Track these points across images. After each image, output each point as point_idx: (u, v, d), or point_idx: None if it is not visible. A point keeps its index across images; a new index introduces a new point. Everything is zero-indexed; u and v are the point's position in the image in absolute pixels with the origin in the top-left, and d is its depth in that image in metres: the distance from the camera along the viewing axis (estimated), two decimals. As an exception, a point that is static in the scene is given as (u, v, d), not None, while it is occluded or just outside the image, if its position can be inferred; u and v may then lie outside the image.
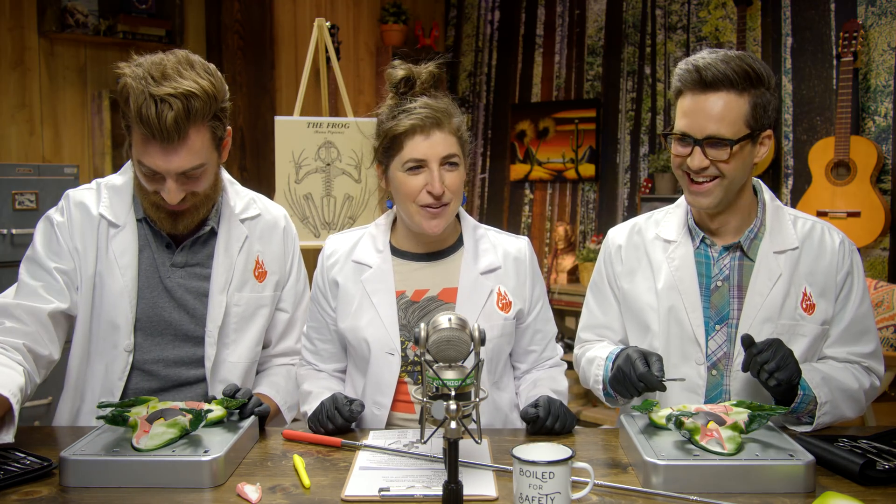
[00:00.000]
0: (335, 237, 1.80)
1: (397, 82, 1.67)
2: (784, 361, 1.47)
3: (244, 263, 1.76)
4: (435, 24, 5.31)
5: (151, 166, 1.54)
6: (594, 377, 1.71)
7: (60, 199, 1.75)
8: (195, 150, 1.54)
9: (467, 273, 1.70)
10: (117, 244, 1.69)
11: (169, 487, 1.29)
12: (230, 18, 4.20)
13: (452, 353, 1.29)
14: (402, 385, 1.68)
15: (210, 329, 1.71)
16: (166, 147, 1.52)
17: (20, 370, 1.53)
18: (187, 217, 1.66)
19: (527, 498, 1.16)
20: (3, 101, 3.60)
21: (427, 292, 1.71)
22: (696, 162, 1.58)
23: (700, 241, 1.69)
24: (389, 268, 1.71)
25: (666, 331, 1.68)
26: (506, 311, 1.71)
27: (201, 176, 1.60)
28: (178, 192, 1.57)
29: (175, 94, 1.48)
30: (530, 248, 1.79)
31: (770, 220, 1.68)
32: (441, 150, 1.61)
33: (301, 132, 3.13)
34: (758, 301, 1.63)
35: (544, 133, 4.93)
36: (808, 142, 3.84)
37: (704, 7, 4.28)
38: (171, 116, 1.48)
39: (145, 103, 1.47)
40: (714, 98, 1.55)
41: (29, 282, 1.66)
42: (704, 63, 1.55)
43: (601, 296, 1.83)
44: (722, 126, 1.55)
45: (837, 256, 1.66)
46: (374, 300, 1.68)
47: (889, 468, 1.30)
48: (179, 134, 1.50)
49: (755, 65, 1.56)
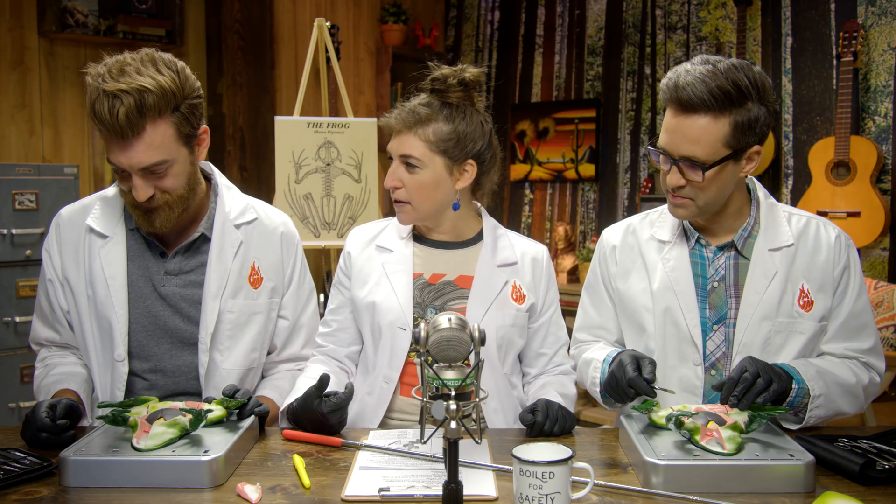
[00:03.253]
0: (360, 227, 1.89)
1: (434, 78, 1.71)
2: (766, 375, 1.43)
3: (239, 269, 1.75)
4: (435, 24, 5.31)
5: (115, 163, 1.57)
6: (591, 380, 1.71)
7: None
8: (154, 145, 1.54)
9: (484, 263, 1.76)
10: (105, 255, 1.70)
11: (169, 487, 1.29)
12: (230, 18, 4.20)
13: (452, 353, 1.29)
14: (410, 366, 1.71)
15: (202, 336, 1.70)
16: (122, 143, 1.53)
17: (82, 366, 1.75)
18: (160, 214, 1.63)
19: (527, 498, 1.16)
20: (3, 101, 3.60)
21: (444, 276, 1.76)
22: (672, 180, 1.59)
23: (695, 242, 1.69)
24: (410, 252, 1.78)
25: (662, 332, 1.68)
26: (519, 302, 1.75)
27: (167, 172, 1.58)
28: (144, 188, 1.57)
29: (127, 90, 1.49)
30: (548, 255, 1.84)
31: (764, 217, 1.67)
32: (401, 149, 1.70)
33: (301, 132, 3.13)
34: (754, 299, 1.62)
35: (544, 133, 4.93)
36: (808, 142, 3.84)
37: (704, 7, 4.28)
38: (123, 112, 1.49)
39: (98, 99, 1.50)
40: (690, 120, 1.53)
41: (48, 333, 1.80)
42: (684, 82, 1.52)
43: (596, 296, 1.83)
44: (697, 148, 1.53)
45: (834, 251, 1.65)
46: (391, 279, 1.74)
47: (889, 468, 1.30)
48: (133, 129, 1.51)
49: (742, 81, 1.52)
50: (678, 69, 1.57)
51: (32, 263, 3.05)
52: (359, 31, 4.97)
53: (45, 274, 1.76)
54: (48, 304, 1.76)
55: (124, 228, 1.72)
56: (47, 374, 1.71)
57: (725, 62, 1.54)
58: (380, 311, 1.73)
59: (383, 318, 1.72)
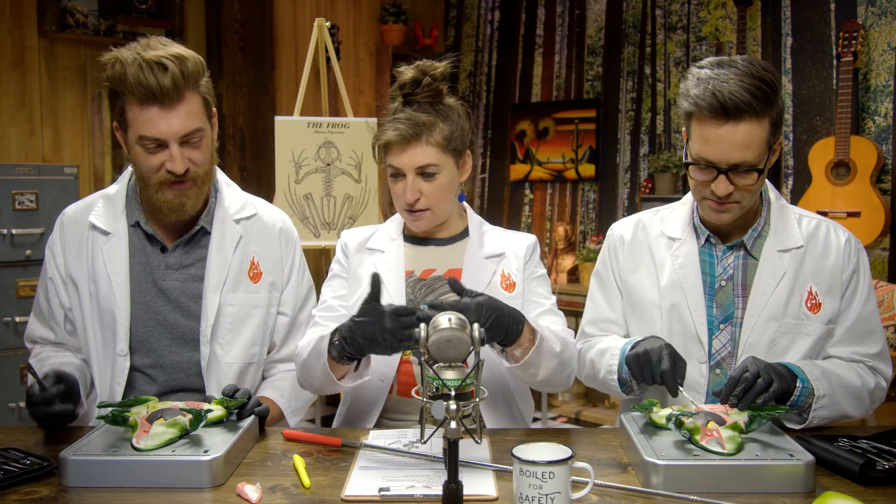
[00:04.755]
0: (351, 231, 1.88)
1: (403, 84, 1.70)
2: (767, 375, 1.43)
3: (239, 263, 1.77)
4: (435, 24, 5.31)
5: (154, 134, 1.58)
6: (607, 367, 1.66)
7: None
8: (192, 112, 1.60)
9: (472, 256, 1.77)
10: (107, 251, 1.72)
11: (169, 487, 1.29)
12: (230, 18, 4.20)
13: (452, 353, 1.29)
14: (405, 364, 1.71)
15: (203, 328, 1.72)
16: (166, 109, 1.57)
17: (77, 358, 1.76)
18: (191, 193, 1.66)
19: (527, 498, 1.16)
20: (3, 101, 3.60)
21: (434, 271, 1.77)
22: (721, 189, 1.54)
23: (705, 240, 1.69)
24: (401, 252, 1.79)
25: (668, 328, 1.67)
26: (509, 290, 1.75)
27: (200, 143, 1.64)
28: (181, 159, 1.60)
29: (168, 57, 1.56)
30: (536, 243, 1.83)
31: (775, 218, 1.67)
32: (416, 161, 1.67)
33: (301, 132, 3.13)
34: (762, 300, 1.62)
35: (544, 133, 4.93)
36: (808, 142, 3.84)
37: (704, 7, 4.28)
38: (169, 76, 1.55)
39: (141, 67, 1.54)
40: (737, 128, 1.50)
41: (43, 332, 1.80)
42: (725, 90, 1.48)
43: (606, 289, 1.81)
44: (748, 153, 1.51)
45: (843, 254, 1.65)
46: (384, 278, 1.73)
47: (889, 468, 1.30)
48: (177, 93, 1.56)
49: (768, 77, 1.51)
50: (699, 74, 1.54)
51: (32, 263, 3.05)
52: (359, 31, 4.97)
53: (47, 272, 1.77)
54: (47, 302, 1.77)
55: (126, 225, 1.74)
56: (42, 365, 1.71)
57: (742, 61, 1.53)
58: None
59: None
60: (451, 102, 1.73)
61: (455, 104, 1.74)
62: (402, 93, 1.71)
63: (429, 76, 1.68)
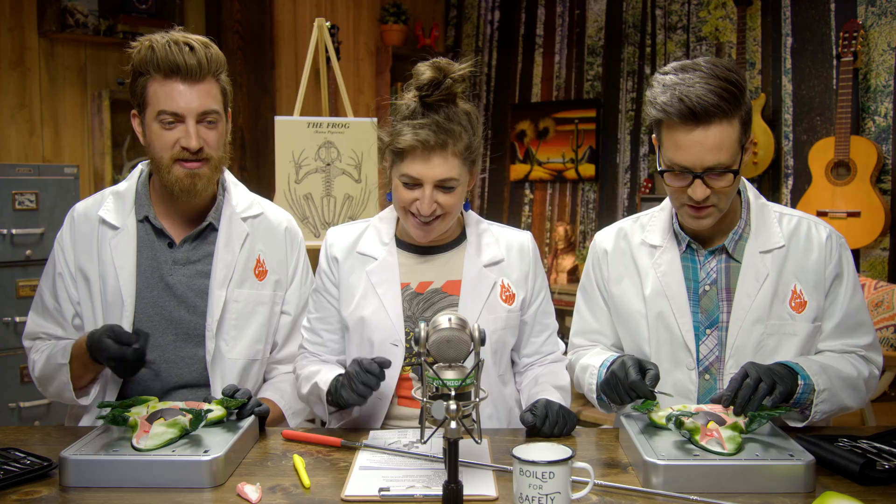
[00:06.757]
0: (337, 229, 1.79)
1: (421, 85, 1.58)
2: (768, 379, 1.42)
3: (245, 260, 1.78)
4: (435, 24, 5.31)
5: (172, 108, 1.63)
6: (588, 385, 1.69)
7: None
8: (212, 94, 1.67)
9: (471, 266, 1.71)
10: (115, 245, 1.73)
11: (169, 487, 1.29)
12: (230, 18, 4.20)
13: (452, 353, 1.29)
14: (404, 381, 1.68)
15: (209, 323, 1.73)
16: (188, 84, 1.64)
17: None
18: (203, 176, 1.69)
19: (527, 498, 1.16)
20: (3, 101, 3.60)
21: (431, 284, 1.71)
22: (699, 193, 1.53)
23: (686, 246, 1.68)
24: (395, 260, 1.71)
25: (656, 336, 1.67)
26: (509, 302, 1.72)
27: (216, 125, 1.69)
28: (196, 136, 1.65)
29: (196, 40, 1.66)
30: (533, 242, 1.79)
31: (755, 219, 1.66)
32: (438, 174, 1.57)
33: (301, 132, 3.13)
34: (746, 303, 1.61)
35: (544, 133, 4.93)
36: (808, 142, 3.84)
37: (704, 7, 4.28)
38: (195, 56, 1.64)
39: (170, 45, 1.63)
40: (707, 131, 1.49)
41: (51, 328, 1.78)
42: (692, 94, 1.47)
43: (591, 301, 1.81)
44: (721, 155, 1.50)
45: (825, 251, 1.64)
46: (378, 291, 1.68)
47: (889, 468, 1.30)
48: (200, 72, 1.65)
49: (733, 76, 1.50)
50: (664, 81, 1.53)
51: (32, 263, 3.05)
52: (359, 31, 4.97)
53: (56, 267, 1.77)
54: (54, 299, 1.77)
55: (134, 220, 1.75)
56: (53, 346, 1.71)
57: (705, 64, 1.52)
58: (369, 326, 1.67)
59: (374, 334, 1.67)
60: (468, 108, 1.63)
61: (472, 110, 1.64)
62: (419, 94, 1.58)
63: (449, 78, 1.56)
